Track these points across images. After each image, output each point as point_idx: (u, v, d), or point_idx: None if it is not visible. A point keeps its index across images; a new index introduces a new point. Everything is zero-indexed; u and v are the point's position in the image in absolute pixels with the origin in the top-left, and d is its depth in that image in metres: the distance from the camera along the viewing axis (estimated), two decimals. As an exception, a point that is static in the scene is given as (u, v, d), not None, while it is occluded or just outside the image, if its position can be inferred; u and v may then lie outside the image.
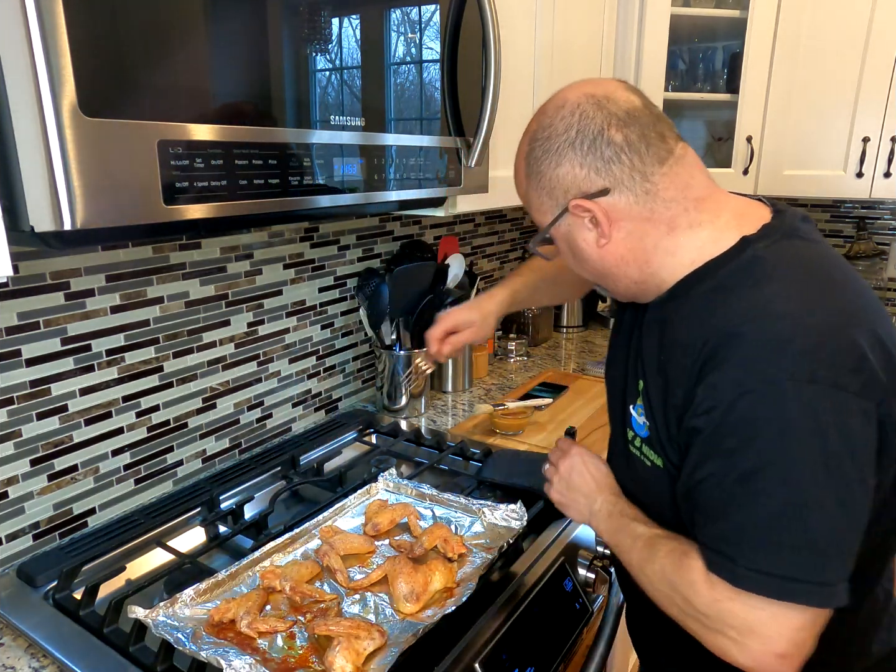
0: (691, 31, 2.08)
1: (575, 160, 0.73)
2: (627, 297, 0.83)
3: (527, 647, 0.94)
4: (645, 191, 0.73)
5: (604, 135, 0.72)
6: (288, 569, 0.92)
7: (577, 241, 0.78)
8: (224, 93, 0.76)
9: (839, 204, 2.32)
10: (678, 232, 0.74)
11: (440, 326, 1.15)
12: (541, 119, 0.77)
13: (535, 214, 0.82)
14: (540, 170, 0.76)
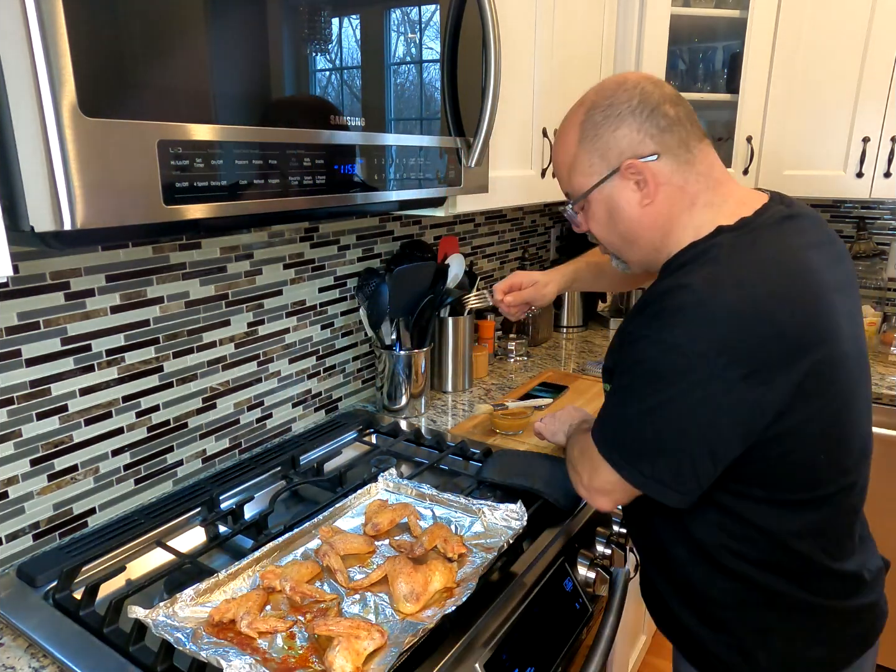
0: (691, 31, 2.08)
1: (633, 125, 0.84)
2: (641, 266, 0.95)
3: (527, 647, 0.94)
4: (686, 160, 0.86)
5: (660, 108, 0.84)
6: (288, 569, 0.92)
7: (619, 202, 0.87)
8: (224, 92, 0.76)
9: (839, 204, 2.32)
10: (695, 209, 0.86)
11: (507, 280, 1.34)
12: (601, 92, 0.88)
13: (577, 177, 0.90)
14: (598, 133, 0.86)
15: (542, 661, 0.96)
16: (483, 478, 1.24)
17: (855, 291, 0.92)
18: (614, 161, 0.86)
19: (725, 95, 2.03)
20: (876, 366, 2.04)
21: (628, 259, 0.95)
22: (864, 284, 2.24)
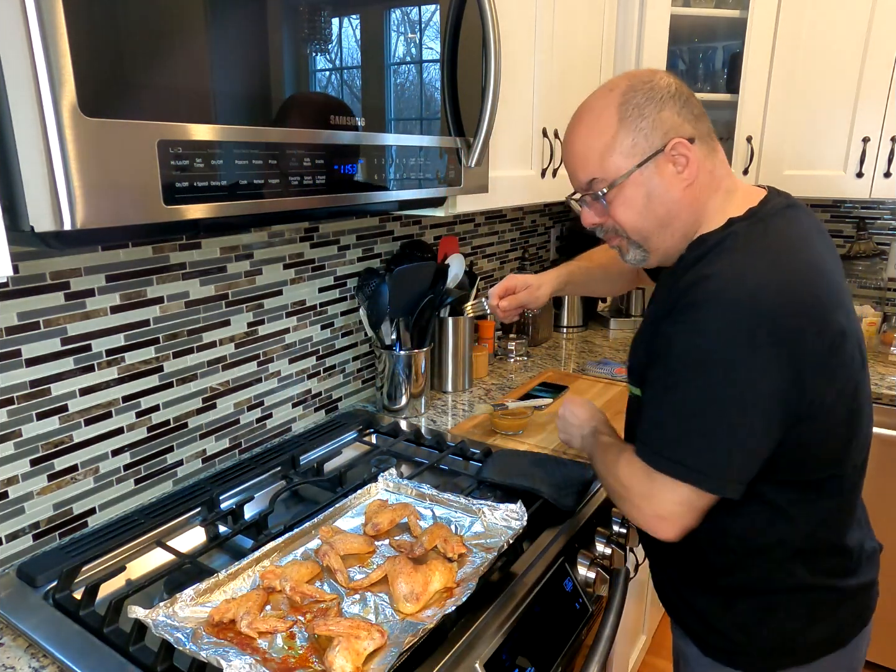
0: (691, 31, 2.08)
1: (674, 108, 0.87)
2: (665, 255, 0.95)
3: (527, 647, 0.94)
4: (713, 148, 0.91)
5: (692, 98, 0.90)
6: (288, 569, 0.92)
7: (662, 182, 0.88)
8: (224, 92, 0.76)
9: (839, 204, 2.32)
10: (719, 194, 0.90)
11: (501, 284, 1.31)
12: (636, 77, 0.90)
13: (615, 159, 0.88)
14: (642, 113, 0.86)
15: (542, 661, 0.96)
16: (483, 478, 1.24)
17: (845, 282, 0.96)
18: (658, 141, 0.87)
19: (725, 95, 2.03)
20: (876, 366, 2.04)
21: (656, 247, 0.93)
22: (864, 284, 2.24)
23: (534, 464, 1.27)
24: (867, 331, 2.16)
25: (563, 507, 1.15)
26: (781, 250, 0.83)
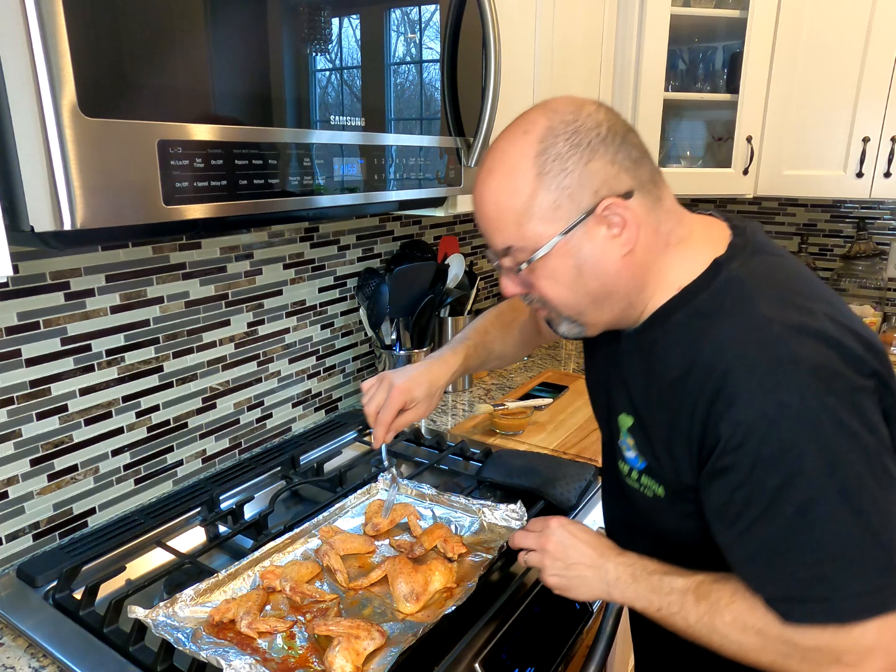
0: (691, 31, 2.07)
1: (606, 156, 0.68)
2: (606, 328, 0.78)
3: (527, 647, 0.94)
4: (657, 197, 0.72)
5: (629, 137, 0.71)
6: (288, 569, 0.92)
7: (593, 253, 0.70)
8: (224, 93, 0.76)
9: (839, 204, 2.31)
10: (670, 249, 0.74)
11: (391, 408, 0.94)
12: (556, 116, 0.70)
13: (534, 225, 0.70)
14: (565, 167, 0.68)
15: (542, 661, 0.96)
16: (483, 478, 1.25)
17: None
18: (587, 201, 0.68)
19: (725, 95, 2.03)
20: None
21: (593, 322, 0.77)
22: (864, 284, 2.24)
23: (534, 464, 1.27)
24: (867, 331, 2.16)
25: (563, 506, 1.15)
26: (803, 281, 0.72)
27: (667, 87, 1.96)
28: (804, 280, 0.73)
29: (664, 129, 2.00)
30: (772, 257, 0.74)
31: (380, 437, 0.96)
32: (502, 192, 0.72)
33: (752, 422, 0.62)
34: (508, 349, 1.11)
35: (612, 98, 1.93)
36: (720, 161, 2.16)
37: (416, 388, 0.95)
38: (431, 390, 0.96)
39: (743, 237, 0.74)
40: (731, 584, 0.70)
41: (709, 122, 2.24)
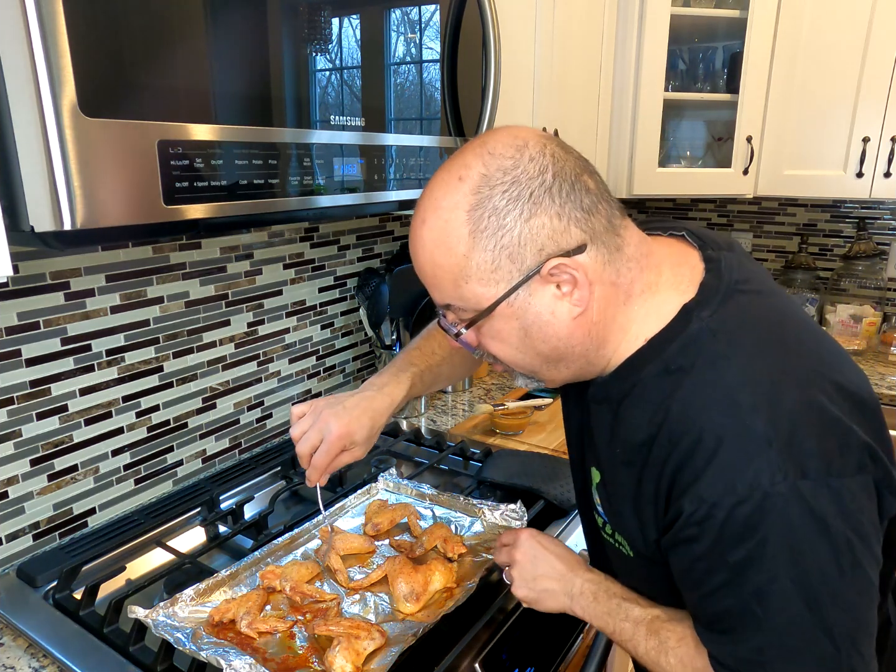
0: (691, 31, 2.08)
1: (552, 209, 0.60)
2: (567, 382, 0.73)
3: (527, 647, 0.93)
4: (616, 246, 0.64)
5: (580, 181, 0.62)
6: (288, 569, 0.92)
7: (541, 316, 0.64)
8: (224, 92, 0.76)
9: (839, 204, 2.31)
10: (632, 300, 0.66)
11: (328, 455, 0.84)
12: (494, 162, 0.61)
13: (472, 287, 0.63)
14: (503, 223, 0.60)
15: (542, 661, 0.96)
16: (483, 478, 1.24)
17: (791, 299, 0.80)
18: (531, 261, 0.61)
19: (725, 95, 2.03)
20: (876, 366, 2.03)
21: (549, 378, 0.71)
22: (864, 284, 2.24)
23: (534, 463, 1.27)
24: (867, 331, 2.16)
25: (563, 506, 1.15)
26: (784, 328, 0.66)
27: (667, 87, 1.96)
28: (786, 326, 0.66)
29: (664, 129, 2.00)
30: (751, 297, 0.66)
31: (313, 480, 0.87)
32: (436, 249, 0.63)
33: (717, 499, 0.58)
34: (457, 370, 1.02)
35: (612, 98, 1.93)
36: (720, 161, 2.16)
37: (357, 432, 0.84)
38: (372, 432, 0.86)
39: (716, 274, 0.66)
40: (682, 627, 0.68)
41: (709, 122, 2.24)
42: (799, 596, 0.57)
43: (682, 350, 0.63)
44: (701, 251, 0.70)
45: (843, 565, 0.57)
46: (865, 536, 0.59)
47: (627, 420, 0.67)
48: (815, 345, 0.66)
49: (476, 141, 0.64)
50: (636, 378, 0.66)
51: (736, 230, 2.50)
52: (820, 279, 2.33)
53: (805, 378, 0.61)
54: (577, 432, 0.82)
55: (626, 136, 1.96)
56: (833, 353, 0.66)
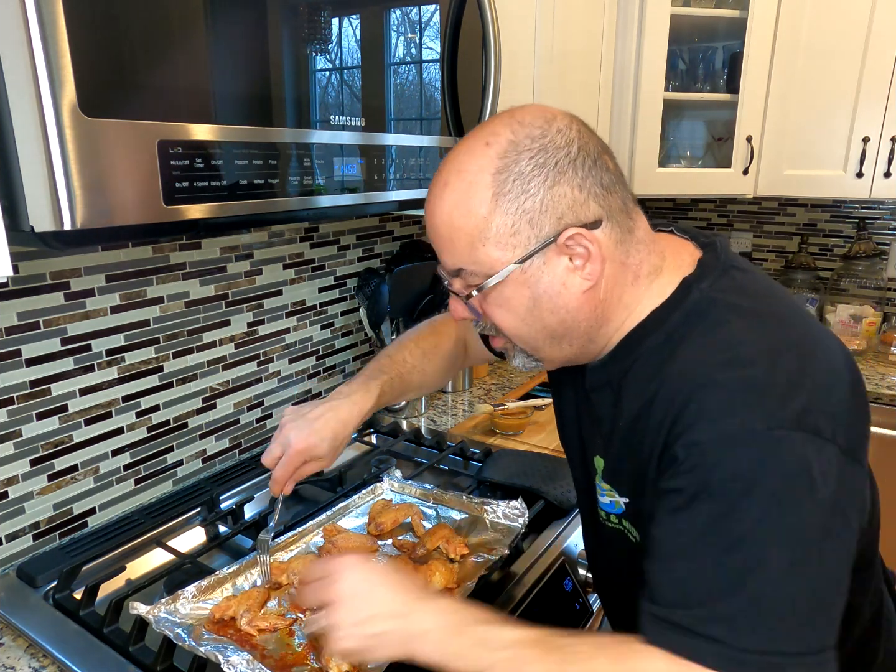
0: (691, 31, 2.08)
1: (575, 181, 0.62)
2: (564, 363, 0.73)
3: (527, 646, 0.93)
4: (628, 228, 0.66)
5: (601, 159, 0.64)
6: (293, 563, 0.93)
7: (552, 286, 0.64)
8: (224, 92, 0.76)
9: (839, 204, 2.31)
10: (640, 282, 0.68)
11: (287, 468, 0.84)
12: (523, 130, 0.63)
13: (488, 249, 0.63)
14: (527, 188, 0.61)
15: (542, 661, 0.96)
16: (483, 478, 1.25)
17: None
18: (549, 228, 0.62)
19: (725, 95, 2.03)
20: (876, 366, 2.03)
21: (549, 357, 0.71)
22: (864, 284, 2.24)
23: (534, 463, 1.27)
24: (867, 331, 2.16)
25: (563, 506, 1.15)
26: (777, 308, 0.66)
27: (667, 87, 1.96)
28: (782, 301, 0.68)
29: (664, 129, 2.00)
30: (743, 273, 0.69)
31: (276, 491, 0.88)
32: (456, 210, 0.64)
33: (708, 441, 0.57)
34: (428, 379, 1.00)
35: (612, 98, 1.93)
36: (720, 161, 2.16)
37: (318, 446, 0.84)
38: (336, 443, 0.85)
39: (713, 253, 0.69)
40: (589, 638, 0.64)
41: (709, 122, 2.24)
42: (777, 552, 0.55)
43: (683, 318, 0.65)
44: (694, 241, 0.73)
45: (826, 527, 0.56)
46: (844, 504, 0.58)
47: (629, 394, 0.67)
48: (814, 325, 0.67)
49: (504, 113, 0.66)
50: (637, 352, 0.67)
51: (736, 230, 2.50)
52: (820, 279, 2.33)
53: (807, 348, 0.62)
54: (574, 426, 0.81)
55: (626, 135, 1.96)
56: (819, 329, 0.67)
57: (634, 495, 0.70)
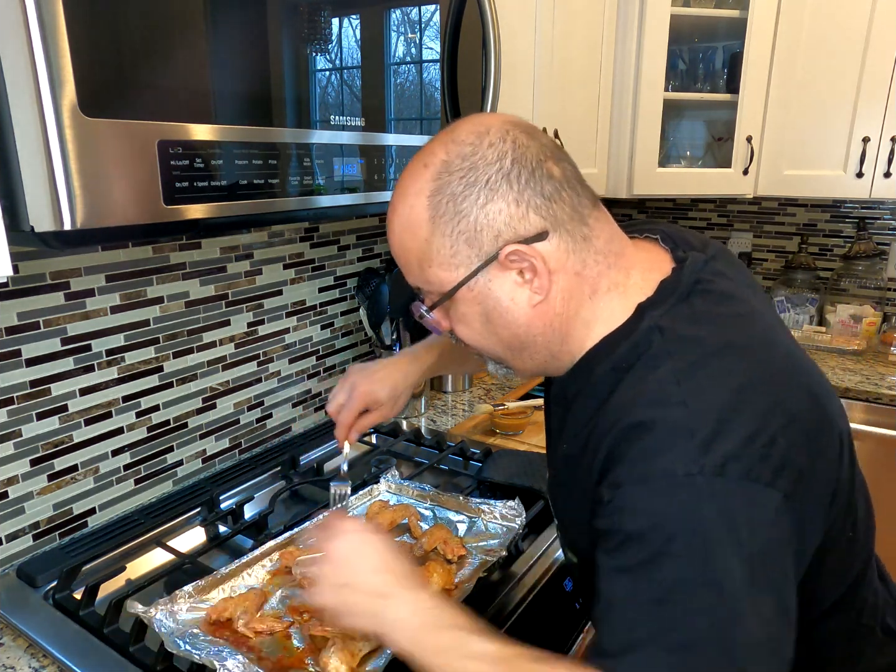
0: (691, 31, 2.08)
1: (510, 195, 0.61)
2: (534, 374, 0.73)
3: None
4: (583, 236, 0.64)
5: (542, 167, 0.62)
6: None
7: (500, 301, 0.64)
8: (224, 92, 0.76)
9: (839, 204, 2.31)
10: (598, 297, 0.66)
11: (351, 410, 0.90)
12: (455, 148, 0.62)
13: (434, 270, 0.64)
14: (460, 209, 0.61)
15: (541, 661, 0.96)
16: (483, 478, 1.25)
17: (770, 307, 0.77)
18: (488, 246, 0.62)
19: (725, 95, 2.03)
20: (876, 366, 2.03)
21: (517, 367, 0.72)
22: (864, 284, 2.24)
23: (534, 463, 1.27)
24: (867, 331, 2.16)
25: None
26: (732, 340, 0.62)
27: (667, 87, 1.96)
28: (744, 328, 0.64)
29: (664, 129, 2.00)
30: (711, 297, 0.65)
31: (341, 438, 0.92)
32: (403, 234, 0.66)
33: (629, 485, 0.56)
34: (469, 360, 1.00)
35: (612, 98, 1.93)
36: (720, 161, 2.16)
37: (379, 391, 0.90)
38: (396, 392, 0.91)
39: (677, 275, 0.66)
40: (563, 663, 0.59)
41: (709, 122, 2.24)
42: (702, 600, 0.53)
43: (631, 348, 0.63)
44: (672, 253, 0.69)
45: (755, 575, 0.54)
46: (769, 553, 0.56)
47: (576, 416, 0.67)
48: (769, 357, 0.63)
49: (445, 129, 0.66)
50: (589, 377, 0.66)
51: (736, 230, 2.50)
52: (820, 279, 2.33)
53: (746, 382, 0.59)
54: (547, 427, 0.82)
55: (626, 136, 1.96)
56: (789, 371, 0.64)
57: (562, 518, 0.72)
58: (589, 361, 0.67)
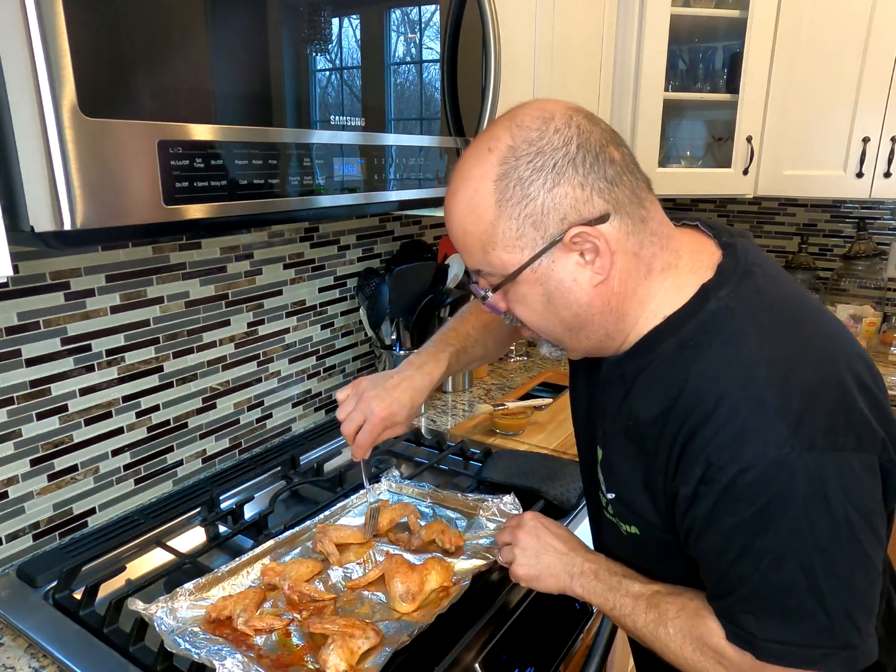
0: (691, 31, 2.07)
1: (576, 179, 0.63)
2: (587, 354, 0.75)
3: (527, 647, 0.94)
4: (640, 218, 0.66)
5: (605, 152, 0.64)
6: (289, 567, 0.92)
7: (563, 282, 0.66)
8: (224, 92, 0.76)
9: (839, 204, 2.31)
10: (652, 276, 0.68)
11: (371, 434, 0.89)
12: (520, 133, 0.64)
13: (498, 253, 0.66)
14: (528, 192, 0.63)
15: (542, 661, 0.96)
16: (483, 478, 1.25)
17: None
18: (553, 228, 0.64)
19: (725, 95, 2.03)
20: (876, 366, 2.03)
21: (573, 347, 0.74)
22: (864, 284, 2.24)
23: (534, 463, 1.27)
24: (867, 331, 2.16)
25: (563, 506, 1.15)
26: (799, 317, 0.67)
27: (667, 87, 1.96)
28: (803, 307, 0.68)
29: (664, 129, 2.00)
30: (767, 280, 0.68)
31: (359, 457, 0.93)
32: (466, 217, 0.67)
33: (723, 464, 0.60)
34: (490, 350, 1.05)
35: (612, 98, 1.93)
36: (720, 161, 2.16)
37: (398, 413, 0.89)
38: (413, 411, 0.91)
39: (733, 258, 0.69)
40: (681, 599, 0.71)
41: (709, 122, 2.24)
42: (794, 561, 0.59)
43: (699, 327, 0.65)
44: (716, 239, 0.72)
45: (841, 537, 0.59)
46: (867, 514, 0.60)
47: (640, 396, 0.69)
48: (829, 331, 0.67)
49: (507, 114, 0.67)
50: (652, 355, 0.68)
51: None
52: (820, 279, 2.33)
53: (819, 358, 0.63)
54: (586, 412, 0.84)
55: (626, 135, 1.94)
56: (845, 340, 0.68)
57: (624, 492, 0.74)
58: (650, 341, 0.69)
